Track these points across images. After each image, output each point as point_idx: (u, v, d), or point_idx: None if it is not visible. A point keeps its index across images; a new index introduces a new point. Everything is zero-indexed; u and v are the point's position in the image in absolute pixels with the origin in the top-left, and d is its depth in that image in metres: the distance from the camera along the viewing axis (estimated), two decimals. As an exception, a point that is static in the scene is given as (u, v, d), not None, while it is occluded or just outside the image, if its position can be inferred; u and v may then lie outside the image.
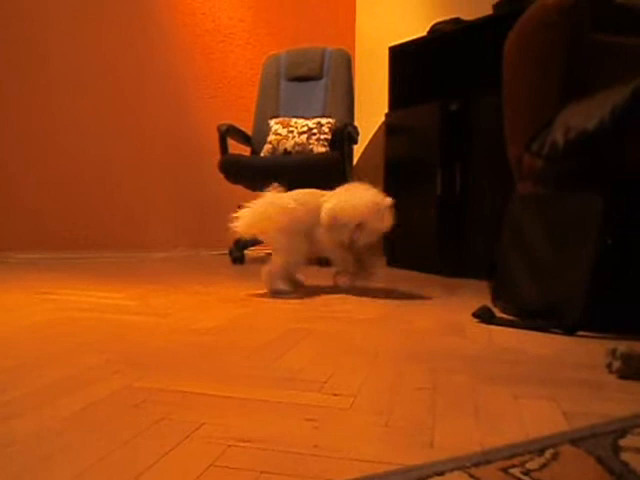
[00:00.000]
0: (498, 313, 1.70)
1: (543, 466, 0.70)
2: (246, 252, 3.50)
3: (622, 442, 0.77)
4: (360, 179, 2.27)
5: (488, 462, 0.71)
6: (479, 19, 2.92)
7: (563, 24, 1.78)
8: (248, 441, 0.75)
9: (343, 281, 2.29)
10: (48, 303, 1.85)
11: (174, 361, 1.17)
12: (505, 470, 0.69)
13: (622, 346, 1.13)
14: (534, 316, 1.60)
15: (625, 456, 0.73)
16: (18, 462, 0.68)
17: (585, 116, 1.54)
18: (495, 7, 2.91)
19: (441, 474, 0.67)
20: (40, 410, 0.86)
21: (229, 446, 0.73)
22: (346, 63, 3.79)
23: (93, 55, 3.76)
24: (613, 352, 1.13)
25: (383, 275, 2.87)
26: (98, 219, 3.79)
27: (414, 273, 2.99)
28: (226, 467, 0.67)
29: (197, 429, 0.78)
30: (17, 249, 3.49)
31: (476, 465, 0.70)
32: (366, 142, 4.14)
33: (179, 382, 1.01)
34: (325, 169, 3.16)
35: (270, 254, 2.25)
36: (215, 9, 4.09)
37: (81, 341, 1.33)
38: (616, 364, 1.12)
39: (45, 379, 1.02)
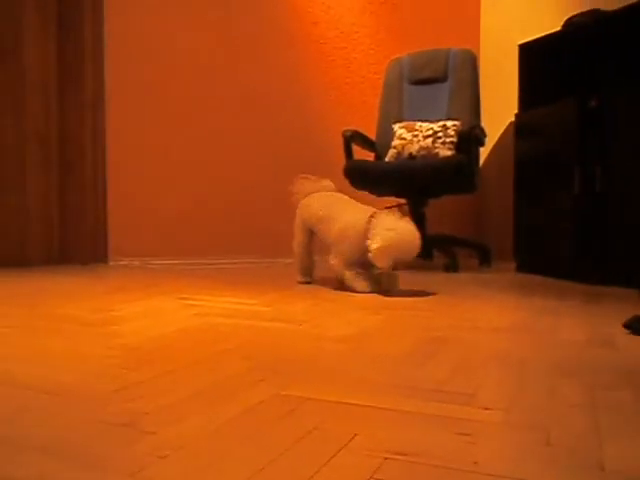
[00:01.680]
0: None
1: None
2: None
3: None
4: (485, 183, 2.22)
5: (670, 491, 0.64)
6: (621, 9, 2.73)
7: None
8: (404, 454, 0.73)
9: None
10: (189, 309, 1.92)
11: (316, 369, 1.17)
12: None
13: None
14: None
15: None
16: (181, 467, 0.70)
17: None
18: (638, -5, 2.71)
19: (619, 501, 0.62)
20: (198, 416, 0.88)
21: (385, 459, 0.71)
22: (471, 63, 3.69)
23: (223, 67, 3.92)
24: None
25: (512, 280, 2.75)
26: (221, 225, 3.92)
27: (547, 279, 2.85)
28: (381, 480, 0.65)
29: (351, 440, 0.77)
30: (155, 255, 3.70)
31: (657, 493, 0.64)
32: (492, 144, 4.02)
33: (325, 391, 1.01)
34: (452, 173, 3.09)
35: None
36: (338, 16, 4.13)
37: (223, 347, 1.37)
38: None
39: (196, 385, 1.05)
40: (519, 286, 2.58)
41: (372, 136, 3.80)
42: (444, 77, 3.76)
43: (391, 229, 2.19)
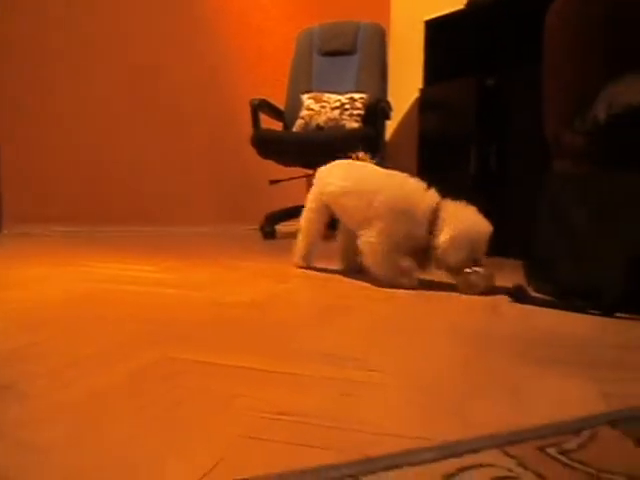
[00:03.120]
0: (532, 293, 1.69)
1: (580, 446, 0.70)
2: (277, 227, 3.51)
3: (662, 424, 0.76)
4: (391, 157, 2.22)
5: (523, 440, 0.71)
6: (520, -10, 2.85)
7: (607, -4, 1.73)
8: (285, 414, 0.76)
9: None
10: (87, 275, 1.88)
11: (212, 334, 1.19)
12: (541, 449, 0.68)
13: (662, 328, 1.11)
14: (570, 296, 1.58)
15: (665, 439, 0.72)
16: (69, 425, 0.70)
17: (630, 92, 1.50)
18: (536, -21, 2.83)
19: (476, 451, 0.67)
20: (84, 379, 0.88)
21: (264, 419, 0.74)
22: (380, 38, 3.75)
23: (129, 33, 3.77)
24: (652, 334, 1.12)
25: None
26: (135, 194, 3.83)
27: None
28: (263, 439, 0.68)
29: (234, 401, 0.79)
30: (55, 221, 3.55)
31: (511, 443, 0.70)
32: (399, 118, 4.10)
33: (217, 355, 1.02)
34: (357, 144, 3.13)
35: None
36: (249, -17, 4.07)
37: (117, 313, 1.35)
38: (655, 346, 1.10)
39: (85, 349, 1.04)
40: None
41: (282, 106, 3.79)
42: (353, 50, 3.80)
43: (464, 220, 1.81)
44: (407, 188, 1.90)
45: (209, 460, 0.63)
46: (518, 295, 1.62)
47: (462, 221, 1.80)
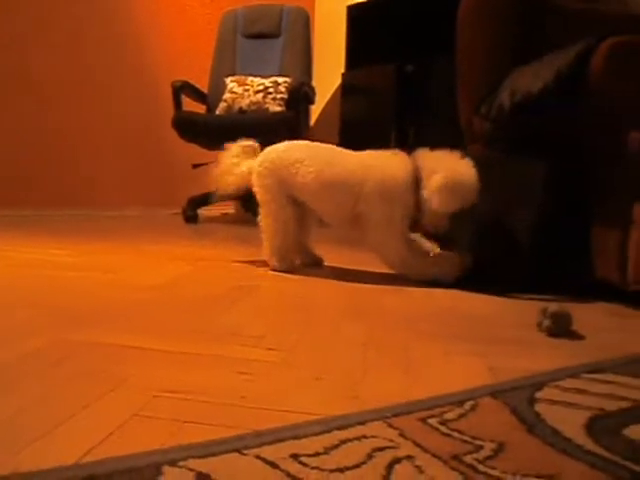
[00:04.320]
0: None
1: (460, 416, 0.73)
2: (200, 211, 3.47)
3: (538, 394, 0.81)
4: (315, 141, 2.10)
5: (409, 413, 0.73)
6: (437, -19, 2.90)
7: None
8: (174, 392, 0.75)
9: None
10: (-9, 259, 1.81)
11: (113, 316, 1.17)
12: (424, 420, 0.71)
13: (552, 305, 1.17)
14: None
15: (538, 407, 0.76)
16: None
17: (531, 79, 1.56)
18: (453, -31, 2.89)
19: (362, 424, 0.69)
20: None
21: (154, 397, 0.74)
22: (304, 21, 3.73)
23: (49, 9, 3.61)
24: (544, 311, 1.17)
25: (335, 237, 2.88)
26: (48, 176, 3.68)
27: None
28: (149, 417, 0.68)
29: (124, 381, 0.79)
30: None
31: (397, 415, 0.72)
32: (324, 102, 4.12)
33: (114, 336, 1.01)
34: (280, 128, 3.13)
35: (225, 214, 2.16)
36: (171, -39, 3.96)
37: (18, 295, 1.31)
38: (546, 322, 1.15)
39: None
40: (340, 241, 2.70)
41: (205, 89, 3.73)
42: (277, 33, 3.77)
43: (457, 168, 1.64)
44: (387, 168, 1.71)
45: (95, 436, 0.62)
46: None
47: (454, 168, 1.63)
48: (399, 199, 1.67)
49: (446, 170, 1.61)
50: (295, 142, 1.88)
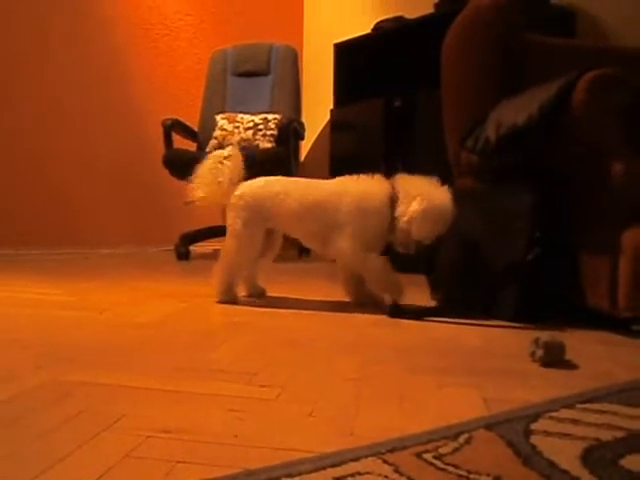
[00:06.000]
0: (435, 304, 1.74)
1: (455, 450, 0.72)
2: (192, 248, 3.47)
3: (533, 426, 0.80)
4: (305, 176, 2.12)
5: (404, 448, 0.73)
6: (421, 17, 2.96)
7: (497, 23, 1.83)
8: (167, 432, 0.75)
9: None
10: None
11: (104, 355, 1.16)
12: (419, 455, 0.71)
13: (544, 335, 1.17)
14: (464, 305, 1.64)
15: (534, 439, 0.76)
16: None
17: (515, 112, 1.59)
18: (436, 6, 2.96)
19: (356, 460, 0.69)
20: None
21: (147, 437, 0.73)
22: (293, 59, 3.79)
23: (33, 49, 3.65)
24: (536, 341, 1.17)
25: (325, 270, 2.88)
26: (40, 215, 3.69)
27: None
28: (142, 457, 0.67)
29: (117, 421, 0.78)
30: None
31: (391, 451, 0.72)
32: (313, 138, 4.16)
33: (106, 375, 1.00)
34: (270, 165, 3.15)
35: (217, 250, 2.10)
36: (160, 2, 4.04)
37: (11, 337, 1.30)
38: (538, 353, 1.15)
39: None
40: (332, 276, 2.70)
41: (195, 126, 3.77)
42: (267, 71, 3.82)
43: (436, 194, 1.66)
44: (365, 186, 1.77)
45: (88, 477, 0.61)
46: (392, 311, 1.66)
47: (434, 194, 1.66)
48: (376, 213, 1.71)
49: (424, 197, 1.64)
50: (271, 177, 1.90)
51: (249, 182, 1.88)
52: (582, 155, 1.50)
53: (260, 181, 1.87)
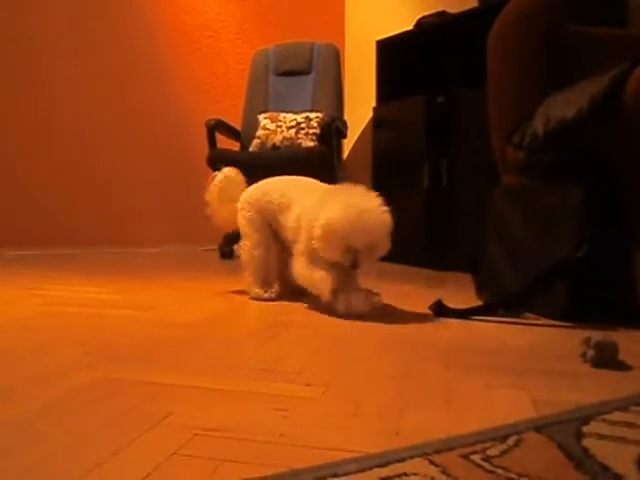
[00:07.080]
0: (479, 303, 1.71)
1: (504, 452, 0.70)
2: (235, 247, 3.50)
3: (585, 429, 0.78)
4: (348, 175, 2.12)
5: (450, 449, 0.71)
6: (464, 12, 2.92)
7: (541, 16, 1.79)
8: (214, 430, 0.75)
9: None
10: (35, 298, 1.85)
11: (151, 354, 1.17)
12: (466, 457, 0.69)
13: (596, 335, 1.14)
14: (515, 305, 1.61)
15: (586, 442, 0.73)
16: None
17: (564, 106, 1.55)
18: (480, -1, 2.91)
19: (402, 461, 0.68)
20: (18, 399, 0.86)
21: (195, 435, 0.73)
22: (334, 57, 3.79)
23: (75, 53, 3.74)
24: (587, 341, 1.14)
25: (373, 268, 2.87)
26: (90, 215, 3.78)
27: (402, 267, 3.00)
28: (188, 455, 0.67)
29: (164, 419, 0.79)
30: (12, 245, 3.48)
31: (438, 452, 0.70)
32: (356, 136, 4.14)
33: (154, 373, 1.01)
34: (313, 163, 3.16)
35: None
36: (203, 4, 4.08)
37: (62, 334, 1.33)
38: (590, 353, 1.12)
39: (24, 371, 1.03)
40: (376, 273, 2.69)
41: (238, 126, 3.80)
42: (309, 70, 3.83)
43: (347, 205, 1.55)
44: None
45: (135, 475, 0.62)
46: (437, 309, 1.64)
47: (338, 207, 1.55)
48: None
49: (328, 213, 1.56)
50: (276, 177, 1.99)
51: (254, 185, 2.01)
52: (634, 149, 1.45)
53: (262, 181, 2.00)
